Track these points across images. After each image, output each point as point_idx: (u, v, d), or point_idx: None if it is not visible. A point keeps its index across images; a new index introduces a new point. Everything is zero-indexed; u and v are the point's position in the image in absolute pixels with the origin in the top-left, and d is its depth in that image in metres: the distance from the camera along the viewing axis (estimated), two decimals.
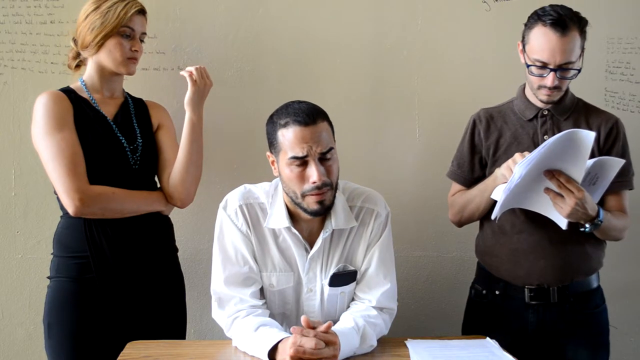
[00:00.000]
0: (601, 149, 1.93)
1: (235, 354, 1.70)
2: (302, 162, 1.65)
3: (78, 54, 1.98)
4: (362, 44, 2.40)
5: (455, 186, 2.09)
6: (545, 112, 1.95)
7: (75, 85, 1.98)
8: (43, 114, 1.86)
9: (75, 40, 1.96)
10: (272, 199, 1.77)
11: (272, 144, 1.71)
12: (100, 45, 1.90)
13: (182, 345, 1.82)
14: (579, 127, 1.89)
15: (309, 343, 1.51)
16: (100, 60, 1.93)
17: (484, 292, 2.04)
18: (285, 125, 1.66)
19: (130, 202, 1.89)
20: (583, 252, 1.94)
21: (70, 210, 1.82)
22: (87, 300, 1.86)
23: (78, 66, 2.02)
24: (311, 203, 1.67)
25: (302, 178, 1.66)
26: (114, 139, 1.91)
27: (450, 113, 2.41)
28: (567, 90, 1.95)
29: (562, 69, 1.83)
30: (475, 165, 2.03)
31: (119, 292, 1.88)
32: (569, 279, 1.93)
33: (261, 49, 2.39)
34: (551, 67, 1.82)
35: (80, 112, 1.89)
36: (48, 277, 1.94)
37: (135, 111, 2.02)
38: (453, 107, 2.40)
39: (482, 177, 2.01)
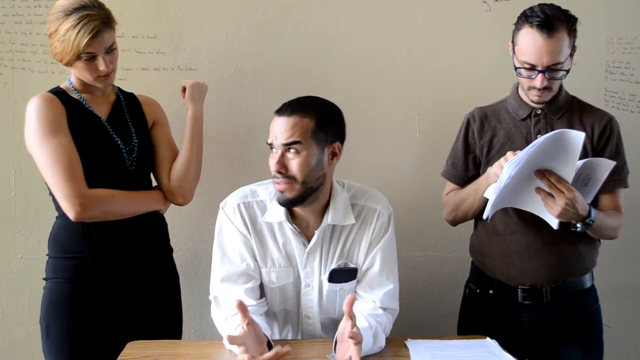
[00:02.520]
0: (595, 147, 1.92)
1: (233, 354, 1.70)
2: (272, 149, 1.70)
3: None
4: (362, 43, 2.40)
5: (450, 185, 2.09)
6: (539, 112, 1.95)
7: (65, 85, 1.93)
8: (36, 119, 1.82)
9: None
10: (274, 195, 1.78)
11: None
12: (69, 65, 1.86)
13: (182, 345, 1.82)
14: (572, 126, 1.89)
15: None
16: (76, 74, 1.90)
17: (478, 291, 2.05)
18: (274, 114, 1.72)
19: (131, 204, 1.89)
20: (576, 252, 1.94)
21: (71, 215, 1.80)
22: (85, 301, 1.85)
23: None
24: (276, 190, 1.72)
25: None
26: (110, 141, 1.89)
27: (449, 113, 2.40)
28: (560, 89, 1.94)
29: (550, 70, 1.82)
30: (469, 164, 2.04)
31: (117, 292, 1.88)
32: (562, 279, 1.94)
33: (261, 49, 2.39)
34: (539, 69, 1.82)
35: (73, 114, 1.86)
36: (44, 279, 1.93)
37: (129, 109, 1.99)
38: (453, 107, 2.40)
39: (476, 176, 2.01)
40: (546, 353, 1.97)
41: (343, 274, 1.80)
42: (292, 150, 1.67)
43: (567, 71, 1.86)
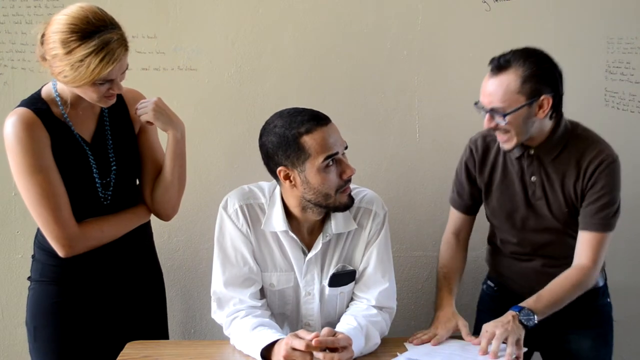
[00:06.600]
0: (584, 187, 1.78)
1: (233, 353, 1.70)
2: (334, 160, 1.67)
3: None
4: (362, 43, 2.40)
5: (454, 213, 2.03)
6: (532, 152, 1.81)
7: (48, 94, 1.76)
8: (19, 151, 1.67)
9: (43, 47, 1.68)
10: (271, 200, 1.77)
11: (290, 156, 1.66)
12: (74, 87, 1.69)
13: (182, 345, 1.82)
14: (567, 169, 1.79)
15: (299, 344, 1.51)
16: (77, 92, 1.71)
17: (496, 288, 2.06)
18: (308, 131, 1.64)
19: (119, 231, 1.83)
20: None
21: (60, 254, 1.75)
22: (72, 304, 1.82)
23: None
24: (343, 198, 1.71)
25: (336, 176, 1.68)
26: (88, 174, 1.78)
27: (450, 113, 2.41)
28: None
29: (493, 112, 1.70)
30: (474, 194, 1.98)
31: (103, 293, 1.85)
32: None
33: (261, 49, 2.39)
34: (484, 108, 1.73)
35: (57, 140, 1.71)
36: (28, 279, 1.89)
37: (111, 123, 1.83)
38: (453, 107, 2.41)
39: (482, 203, 1.99)
40: (556, 343, 1.96)
41: (342, 278, 1.80)
42: (345, 151, 1.72)
43: (527, 119, 1.70)
